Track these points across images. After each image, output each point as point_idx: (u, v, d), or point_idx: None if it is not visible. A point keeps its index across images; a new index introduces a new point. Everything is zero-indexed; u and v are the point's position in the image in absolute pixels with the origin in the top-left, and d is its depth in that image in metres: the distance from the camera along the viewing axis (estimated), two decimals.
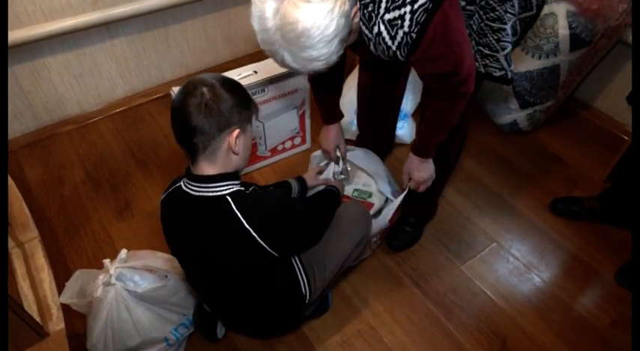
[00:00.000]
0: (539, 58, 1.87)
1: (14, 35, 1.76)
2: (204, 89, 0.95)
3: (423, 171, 1.38)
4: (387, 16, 0.95)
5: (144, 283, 1.24)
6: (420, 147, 1.32)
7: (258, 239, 1.00)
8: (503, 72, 1.22)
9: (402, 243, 1.68)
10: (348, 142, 1.62)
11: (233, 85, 1.01)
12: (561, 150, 2.08)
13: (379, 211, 1.61)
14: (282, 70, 1.68)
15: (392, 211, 1.53)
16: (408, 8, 0.93)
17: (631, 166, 1.60)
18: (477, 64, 1.22)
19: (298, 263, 1.22)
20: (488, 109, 2.17)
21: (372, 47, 1.04)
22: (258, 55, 1.65)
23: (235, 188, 1.02)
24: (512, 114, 2.06)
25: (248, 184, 1.10)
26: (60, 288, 1.26)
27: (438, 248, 1.69)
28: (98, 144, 2.10)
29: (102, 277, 1.22)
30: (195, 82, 0.97)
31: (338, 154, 1.59)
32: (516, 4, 1.15)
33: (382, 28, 0.97)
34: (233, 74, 1.66)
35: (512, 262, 1.65)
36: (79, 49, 2.00)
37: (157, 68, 2.28)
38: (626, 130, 2.08)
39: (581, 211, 1.76)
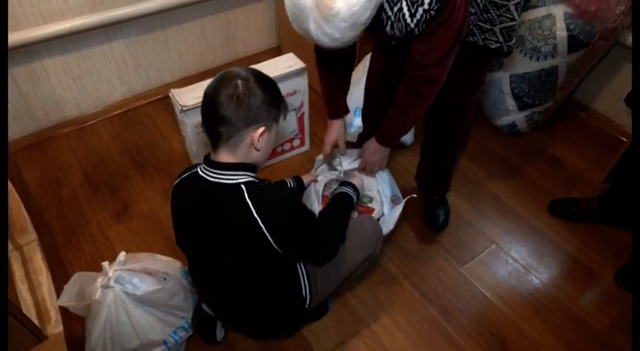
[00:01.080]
0: (537, 59, 1.88)
1: (13, 38, 1.76)
2: (239, 82, 0.97)
3: (374, 156, 1.46)
4: None
5: (143, 285, 1.24)
6: (381, 136, 1.39)
7: (264, 230, 0.99)
8: (498, 44, 1.28)
9: (444, 221, 1.76)
10: (347, 145, 1.62)
11: (267, 82, 1.02)
12: (560, 151, 2.08)
13: (381, 216, 1.60)
14: (281, 72, 1.69)
15: (395, 219, 1.50)
16: None
17: (630, 168, 1.60)
18: (475, 38, 1.29)
19: (303, 270, 1.22)
20: (486, 111, 2.18)
21: (388, 27, 1.06)
22: (256, 58, 1.65)
23: (250, 179, 1.03)
24: (511, 115, 2.07)
25: (262, 179, 1.10)
26: (58, 291, 1.26)
27: (437, 250, 1.69)
28: (97, 146, 2.10)
29: (100, 280, 1.22)
30: (231, 73, 0.99)
31: (336, 152, 1.59)
32: None
33: (404, 4, 1.00)
34: None
35: (512, 264, 1.65)
36: (77, 52, 2.00)
37: (155, 70, 2.28)
38: (625, 132, 2.08)
39: (579, 213, 1.76)
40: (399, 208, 1.51)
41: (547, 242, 1.72)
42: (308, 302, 1.23)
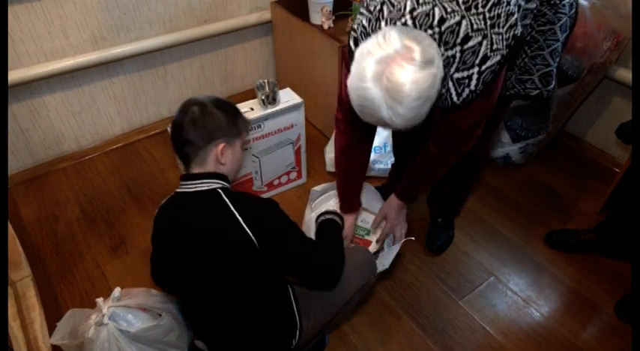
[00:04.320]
0: (538, 103, 1.92)
1: (14, 75, 1.80)
2: (195, 107, 1.10)
3: (401, 215, 1.50)
4: (457, 75, 1.03)
5: (137, 322, 1.22)
6: (406, 192, 1.43)
7: (245, 227, 1.02)
8: (538, 91, 1.35)
9: (442, 244, 1.78)
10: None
11: (222, 104, 1.13)
12: (554, 182, 2.10)
13: (377, 251, 1.60)
14: (278, 106, 1.72)
15: (392, 256, 1.47)
16: (476, 69, 1.02)
17: (625, 199, 1.61)
18: (515, 90, 1.35)
19: (293, 300, 1.20)
20: None
21: None
22: (253, 93, 1.68)
23: (226, 185, 1.12)
24: (505, 148, 2.10)
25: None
26: (51, 328, 1.23)
27: (435, 283, 1.68)
28: (94, 180, 2.11)
29: (94, 317, 1.20)
30: (190, 100, 1.13)
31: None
32: (558, 33, 1.26)
33: (450, 84, 1.05)
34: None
35: (511, 297, 1.64)
36: (78, 88, 2.04)
37: (154, 105, 2.31)
38: (617, 163, 2.11)
39: (577, 244, 1.76)
40: (397, 248, 1.48)
41: (545, 274, 1.71)
42: (297, 336, 1.20)
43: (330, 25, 2.01)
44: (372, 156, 2.05)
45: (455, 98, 1.07)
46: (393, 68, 0.89)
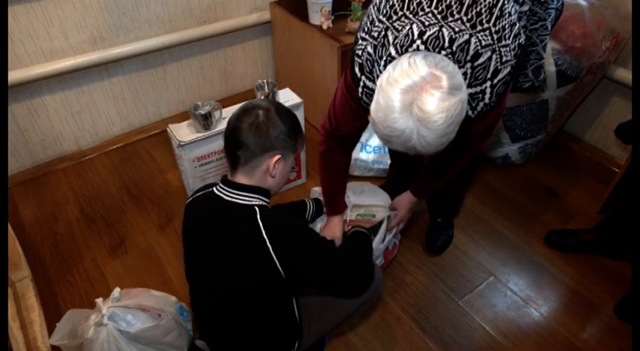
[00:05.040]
0: (528, 93, 1.92)
1: (14, 75, 1.80)
2: (260, 111, 1.05)
3: (410, 210, 1.53)
4: (470, 91, 1.02)
5: (137, 322, 1.22)
6: (421, 189, 1.45)
7: (271, 251, 1.00)
8: (530, 82, 1.39)
9: (442, 244, 1.79)
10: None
11: (287, 114, 1.09)
12: (554, 182, 2.10)
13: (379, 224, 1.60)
14: None
15: (381, 252, 1.55)
16: (489, 83, 1.01)
17: (625, 198, 1.61)
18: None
19: (296, 310, 1.20)
20: None
21: None
22: (252, 93, 1.69)
23: (264, 203, 1.08)
24: (504, 147, 2.10)
25: (274, 206, 1.16)
26: (50, 329, 1.23)
27: (435, 283, 1.68)
28: (94, 181, 2.11)
29: (94, 317, 1.20)
30: (254, 103, 1.08)
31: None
32: (549, 26, 1.30)
33: None
34: (230, 111, 1.69)
35: (510, 296, 1.64)
36: (77, 88, 2.04)
37: (154, 105, 2.31)
38: (617, 163, 2.11)
39: (576, 244, 1.76)
40: (389, 237, 1.57)
41: (545, 274, 1.71)
42: (298, 342, 1.21)
43: (330, 25, 2.01)
44: (372, 156, 2.05)
45: (470, 112, 1.05)
46: (424, 97, 0.86)
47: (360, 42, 1.08)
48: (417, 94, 0.87)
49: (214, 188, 1.12)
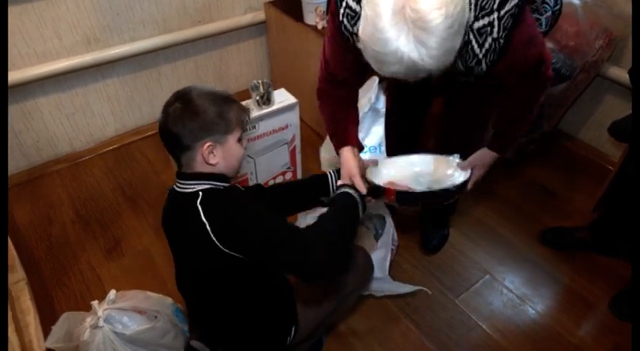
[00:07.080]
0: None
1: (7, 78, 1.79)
2: (174, 107, 1.05)
3: (486, 168, 1.32)
4: (477, 25, 0.95)
5: (133, 324, 1.21)
6: (502, 143, 1.27)
7: (212, 236, 0.97)
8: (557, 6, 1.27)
9: (437, 243, 1.78)
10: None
11: (209, 97, 1.05)
12: (548, 181, 2.11)
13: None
14: (273, 107, 1.72)
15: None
16: (496, 14, 0.93)
17: (619, 196, 1.62)
18: None
19: (288, 297, 1.20)
20: None
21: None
22: (248, 93, 1.68)
23: (211, 186, 1.05)
24: None
25: (235, 186, 1.14)
26: (46, 331, 1.23)
27: (431, 282, 1.68)
28: (88, 182, 2.10)
29: (89, 320, 1.20)
30: (174, 95, 1.08)
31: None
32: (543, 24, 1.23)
33: (471, 36, 0.97)
34: None
35: (506, 295, 1.65)
36: (71, 90, 2.03)
37: (148, 106, 2.30)
38: (610, 161, 2.12)
39: (572, 242, 1.77)
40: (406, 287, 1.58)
41: (540, 272, 1.72)
42: (292, 333, 1.20)
43: (324, 25, 2.01)
44: (367, 156, 2.04)
45: (477, 50, 0.98)
46: None
47: None
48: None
49: (173, 186, 1.13)
